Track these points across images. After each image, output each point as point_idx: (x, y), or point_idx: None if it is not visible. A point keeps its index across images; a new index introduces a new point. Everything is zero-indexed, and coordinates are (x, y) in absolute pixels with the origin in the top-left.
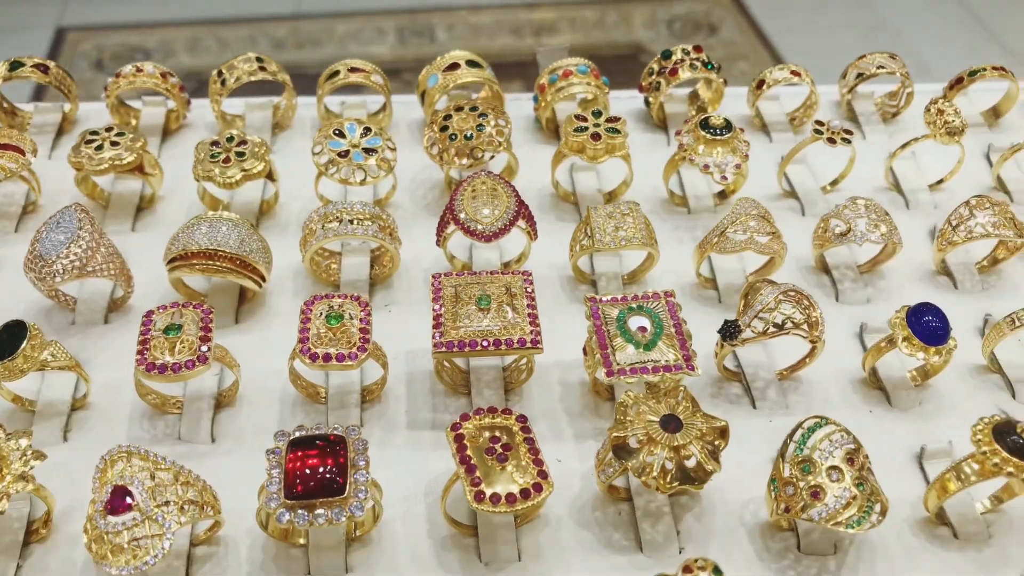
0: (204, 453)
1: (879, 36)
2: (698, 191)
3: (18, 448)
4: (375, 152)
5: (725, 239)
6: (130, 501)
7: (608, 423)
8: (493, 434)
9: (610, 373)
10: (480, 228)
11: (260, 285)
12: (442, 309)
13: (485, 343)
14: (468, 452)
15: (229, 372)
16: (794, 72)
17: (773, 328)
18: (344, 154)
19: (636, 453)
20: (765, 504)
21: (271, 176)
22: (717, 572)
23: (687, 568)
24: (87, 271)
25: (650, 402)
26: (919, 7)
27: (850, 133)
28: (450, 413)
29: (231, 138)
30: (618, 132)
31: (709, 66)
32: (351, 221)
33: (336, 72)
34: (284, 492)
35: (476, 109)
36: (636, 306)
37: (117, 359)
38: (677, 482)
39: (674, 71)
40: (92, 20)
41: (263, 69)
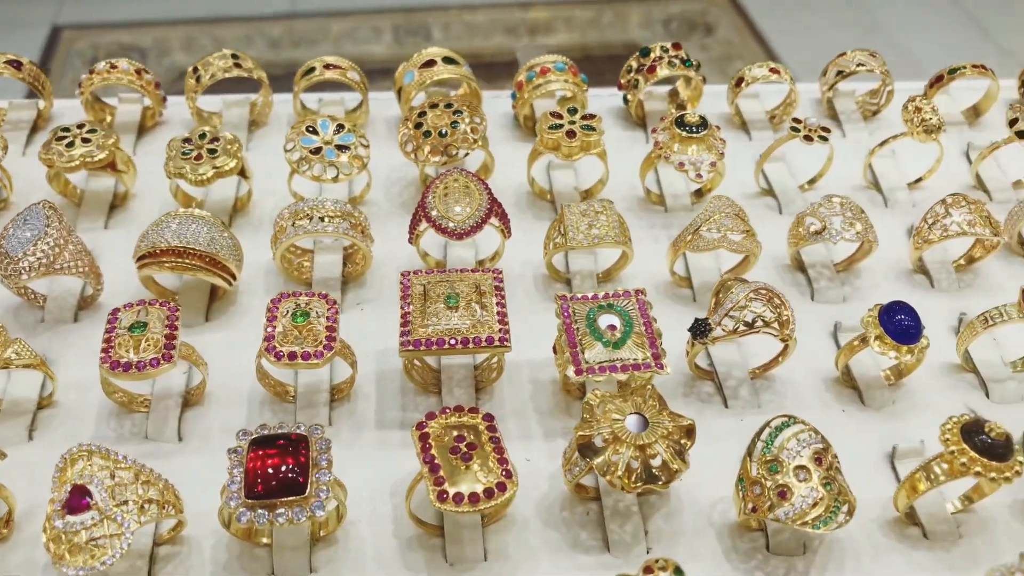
0: (171, 452)
1: (876, 35)
2: (675, 189)
3: None
4: (348, 149)
5: (698, 237)
6: (89, 500)
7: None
8: (459, 433)
9: (579, 371)
10: (452, 226)
11: (230, 283)
12: (410, 307)
13: (453, 341)
14: (433, 451)
15: (198, 370)
16: (773, 70)
17: (743, 327)
18: (316, 151)
19: (601, 452)
20: (734, 504)
21: (244, 173)
22: (678, 572)
23: (648, 569)
24: (54, 268)
25: (616, 401)
26: (916, 6)
27: (827, 131)
28: (419, 412)
29: (203, 135)
30: (593, 129)
31: (688, 63)
32: (322, 218)
33: (312, 69)
34: (244, 491)
35: (451, 106)
36: (606, 304)
37: (86, 357)
38: (642, 482)
39: (652, 69)
40: (87, 18)
41: (238, 66)
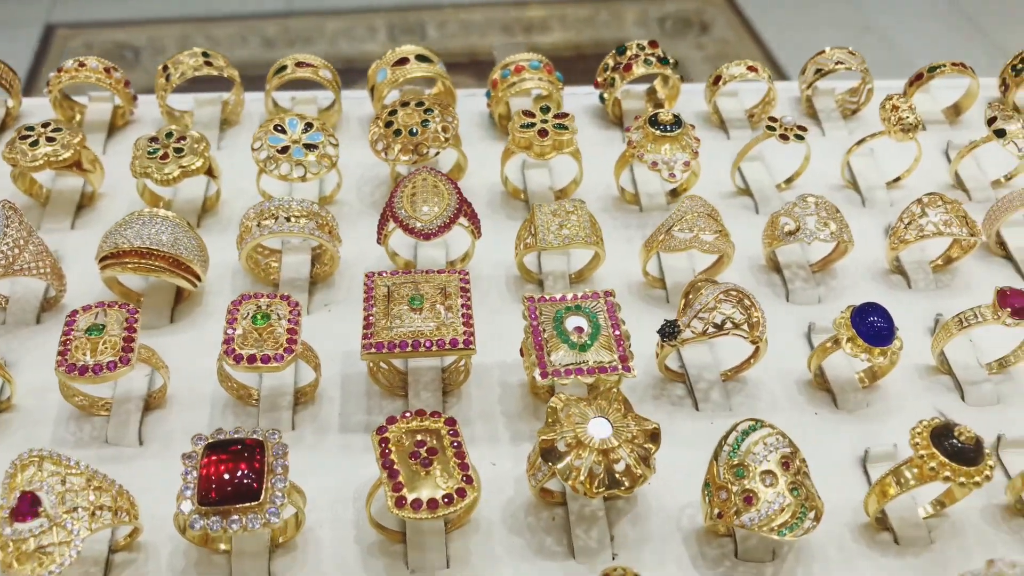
0: (131, 456)
1: (871, 34)
2: (650, 189)
3: None
4: (316, 148)
5: (671, 237)
6: (38, 507)
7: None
8: (420, 438)
9: (544, 374)
10: (419, 226)
11: (195, 284)
12: (373, 309)
13: (416, 344)
14: (392, 456)
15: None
16: (751, 68)
17: (712, 328)
18: (284, 150)
19: (564, 456)
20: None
21: (212, 172)
22: None
23: None
24: (14, 270)
25: (581, 405)
26: (911, 5)
27: (804, 130)
28: (384, 415)
29: (170, 134)
30: (566, 128)
31: (664, 62)
32: (288, 219)
33: (284, 67)
34: (197, 498)
35: (422, 105)
36: (574, 306)
37: (46, 360)
38: (605, 487)
39: (628, 67)
40: (81, 17)
41: (209, 64)
